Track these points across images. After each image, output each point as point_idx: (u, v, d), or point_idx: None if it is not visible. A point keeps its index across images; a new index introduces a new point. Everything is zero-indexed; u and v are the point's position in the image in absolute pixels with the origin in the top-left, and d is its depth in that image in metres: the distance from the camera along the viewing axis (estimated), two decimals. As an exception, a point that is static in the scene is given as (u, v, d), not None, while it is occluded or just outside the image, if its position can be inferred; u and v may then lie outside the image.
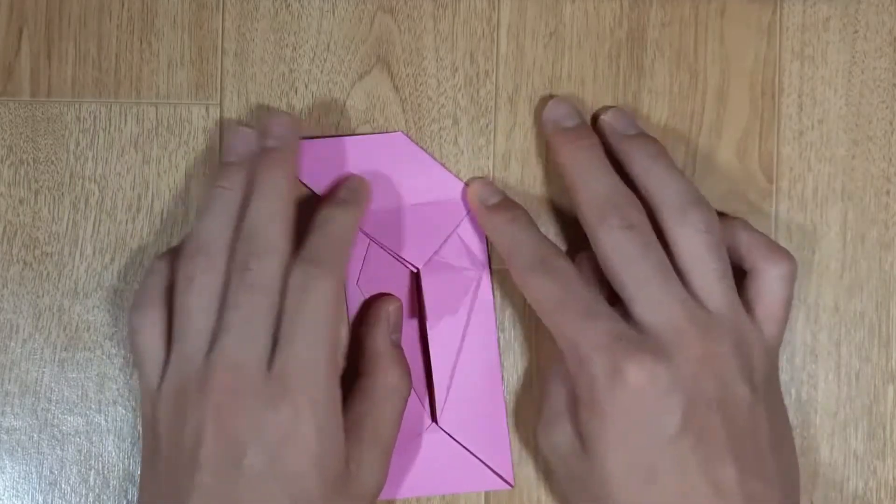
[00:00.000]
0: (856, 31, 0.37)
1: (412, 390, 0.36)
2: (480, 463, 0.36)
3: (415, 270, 0.37)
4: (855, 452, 0.37)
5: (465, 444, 0.36)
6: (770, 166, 0.37)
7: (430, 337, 0.36)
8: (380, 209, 0.36)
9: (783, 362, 0.37)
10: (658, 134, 0.37)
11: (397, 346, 0.36)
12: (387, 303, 0.36)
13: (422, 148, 0.37)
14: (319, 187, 0.36)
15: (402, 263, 0.37)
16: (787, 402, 0.37)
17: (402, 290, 0.37)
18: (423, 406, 0.37)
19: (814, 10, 0.37)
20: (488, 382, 0.37)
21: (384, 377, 0.35)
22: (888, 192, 0.37)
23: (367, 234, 0.36)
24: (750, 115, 0.37)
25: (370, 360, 0.35)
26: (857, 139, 0.37)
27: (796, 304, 0.37)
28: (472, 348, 0.37)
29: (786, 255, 0.34)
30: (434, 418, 0.36)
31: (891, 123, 0.37)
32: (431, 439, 0.36)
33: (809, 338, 0.37)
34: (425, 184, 0.36)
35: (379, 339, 0.35)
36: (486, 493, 0.37)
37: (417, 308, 0.37)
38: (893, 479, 0.37)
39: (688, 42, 0.37)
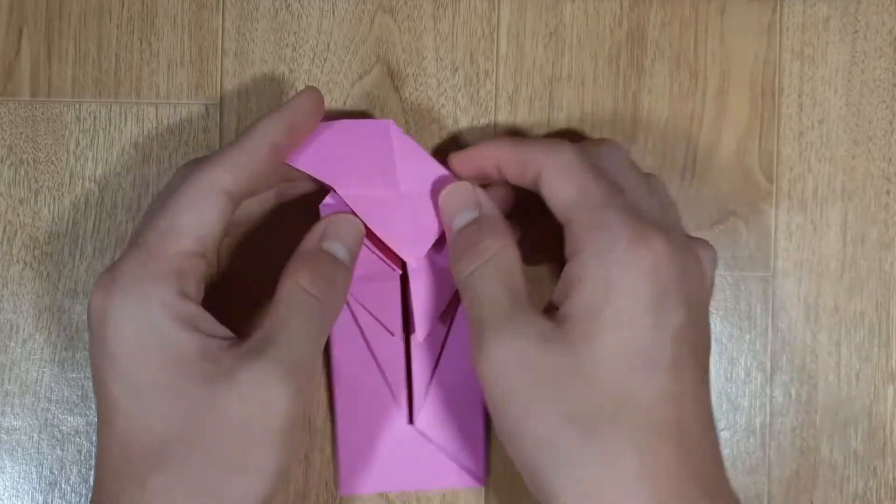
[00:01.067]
0: (856, 31, 0.37)
1: (385, 376, 0.36)
2: (453, 462, 0.36)
3: (399, 271, 0.35)
4: (855, 452, 0.37)
5: (439, 444, 0.36)
6: (770, 166, 0.37)
7: (412, 338, 0.36)
8: (372, 195, 0.34)
9: (783, 363, 0.37)
10: (658, 134, 0.37)
11: (323, 252, 0.32)
12: (333, 216, 0.33)
13: (413, 140, 0.35)
14: (311, 169, 0.34)
15: (388, 264, 0.35)
16: (787, 402, 0.37)
17: (393, 288, 0.35)
18: (402, 407, 0.36)
19: (814, 10, 0.37)
20: (468, 384, 0.36)
21: (289, 277, 0.31)
22: (888, 192, 0.37)
23: (359, 218, 0.34)
24: (750, 115, 0.37)
25: (289, 262, 0.32)
26: (857, 139, 0.37)
27: (796, 304, 0.37)
28: (454, 350, 0.36)
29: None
30: (411, 420, 0.36)
31: (891, 123, 0.37)
32: (408, 439, 0.36)
33: (809, 338, 0.37)
34: (417, 175, 0.34)
35: (303, 243, 0.33)
36: (487, 492, 0.37)
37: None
38: (893, 479, 0.37)
39: (688, 42, 0.37)
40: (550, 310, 0.31)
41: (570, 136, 0.37)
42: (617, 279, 0.29)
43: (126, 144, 0.37)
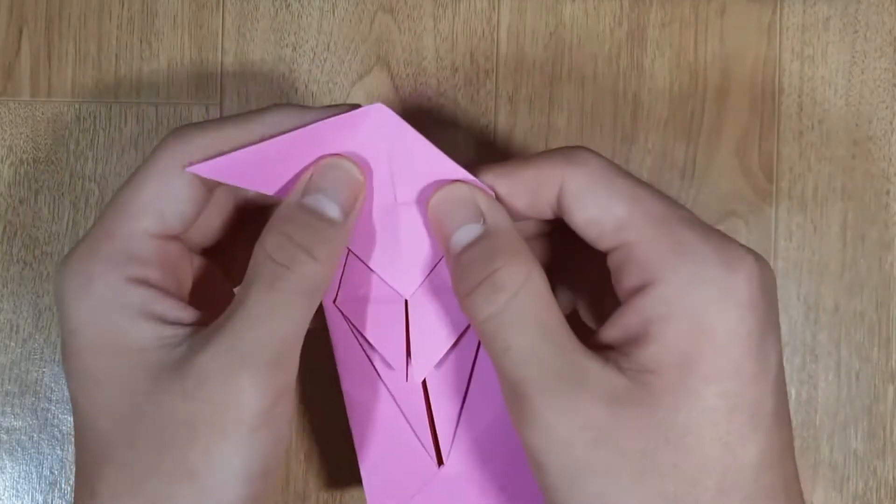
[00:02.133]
0: (856, 31, 0.37)
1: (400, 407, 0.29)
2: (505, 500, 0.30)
3: (405, 296, 0.28)
4: (855, 452, 0.37)
5: (482, 485, 0.30)
6: (770, 166, 0.37)
7: (410, 376, 0.29)
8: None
9: (784, 362, 0.37)
10: (658, 134, 0.37)
11: (303, 208, 0.26)
12: (323, 162, 0.27)
13: (411, 126, 0.27)
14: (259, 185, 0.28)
15: (390, 285, 0.29)
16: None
17: (396, 313, 0.28)
18: (429, 448, 0.30)
19: (814, 10, 0.37)
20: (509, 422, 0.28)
21: (258, 242, 0.26)
22: (888, 192, 0.37)
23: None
24: (750, 115, 0.37)
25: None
26: (857, 139, 0.37)
27: (796, 304, 0.37)
28: (487, 380, 0.29)
29: None
30: (440, 461, 0.30)
31: (891, 123, 0.37)
32: (439, 481, 0.30)
33: (809, 338, 0.37)
34: (417, 174, 0.27)
35: (284, 200, 0.27)
36: None
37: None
38: (893, 479, 0.37)
39: (688, 42, 0.37)
40: (601, 350, 0.25)
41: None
42: (714, 317, 0.23)
43: (126, 144, 0.37)
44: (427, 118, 0.37)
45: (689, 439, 0.23)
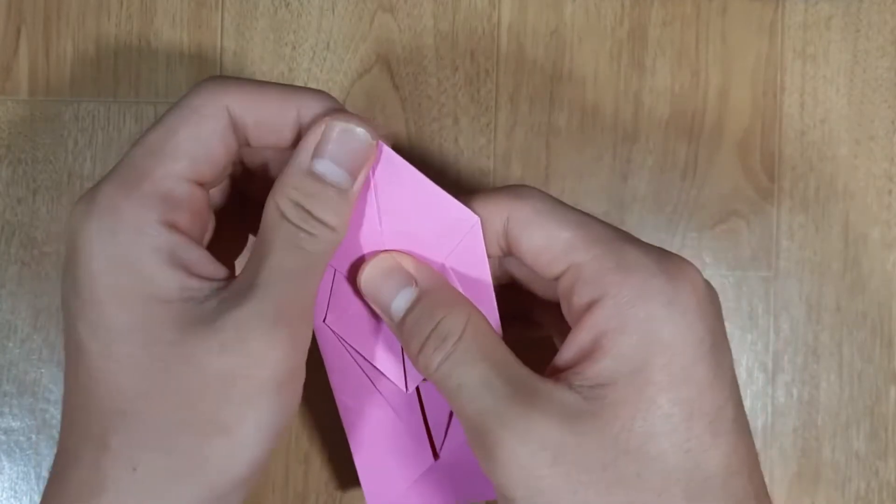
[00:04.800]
0: (858, 30, 0.37)
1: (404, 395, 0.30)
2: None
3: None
4: (857, 453, 0.37)
5: (472, 474, 0.31)
6: (772, 165, 0.37)
7: (406, 382, 0.30)
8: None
9: (785, 363, 0.37)
10: (660, 133, 0.37)
11: (314, 176, 0.25)
12: (332, 120, 0.26)
13: (396, 153, 0.27)
14: None
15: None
16: (789, 402, 0.37)
17: (380, 327, 0.29)
18: (424, 443, 0.31)
19: (816, 9, 0.37)
20: None
21: (273, 206, 0.25)
22: (890, 192, 0.37)
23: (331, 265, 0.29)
24: (751, 115, 0.37)
25: (276, 182, 0.26)
26: (859, 138, 0.37)
27: (798, 304, 0.37)
28: None
29: None
30: (435, 455, 0.31)
31: (893, 122, 0.37)
32: (436, 469, 0.31)
33: (811, 338, 0.37)
34: (402, 202, 0.27)
35: (294, 158, 0.26)
36: None
37: None
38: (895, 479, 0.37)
39: (689, 41, 0.37)
40: (555, 375, 0.25)
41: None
42: (663, 325, 0.24)
43: (124, 144, 0.37)
44: (427, 117, 0.37)
45: (650, 447, 0.23)
